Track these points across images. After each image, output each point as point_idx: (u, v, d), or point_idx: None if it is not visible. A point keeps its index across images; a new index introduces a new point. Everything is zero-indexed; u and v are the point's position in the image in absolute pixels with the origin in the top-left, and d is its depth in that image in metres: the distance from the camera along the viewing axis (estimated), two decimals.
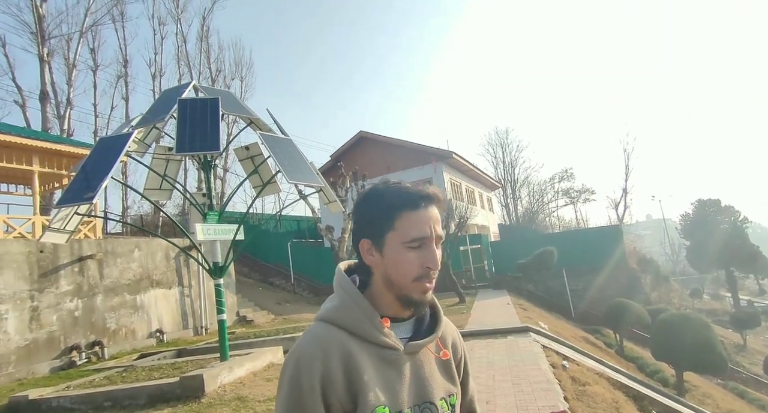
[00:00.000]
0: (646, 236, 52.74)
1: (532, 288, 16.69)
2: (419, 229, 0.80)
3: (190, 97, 6.64)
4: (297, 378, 0.76)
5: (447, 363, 0.89)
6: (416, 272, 0.80)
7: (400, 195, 0.82)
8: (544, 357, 5.97)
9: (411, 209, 0.81)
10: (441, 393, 0.84)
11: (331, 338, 0.79)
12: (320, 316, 0.84)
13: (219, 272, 6.46)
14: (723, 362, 8.40)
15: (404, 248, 0.80)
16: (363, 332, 0.80)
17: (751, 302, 30.45)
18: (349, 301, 0.82)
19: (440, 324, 0.89)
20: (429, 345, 0.85)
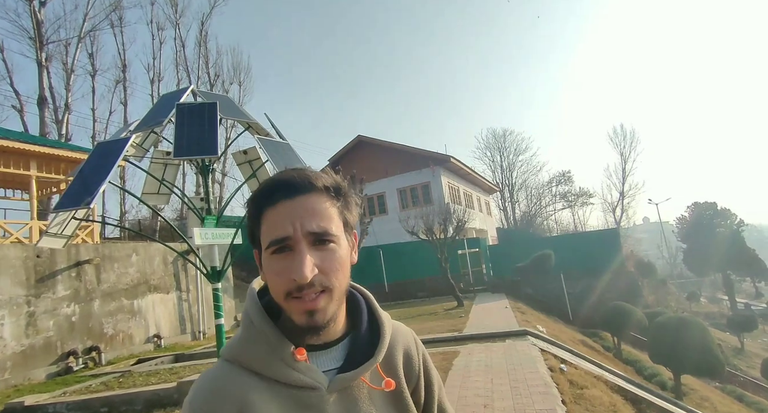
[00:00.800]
0: (644, 240, 52.87)
1: (531, 292, 16.70)
2: (278, 226, 0.60)
3: (188, 102, 6.67)
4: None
5: (398, 395, 0.68)
6: (282, 286, 0.60)
7: (261, 188, 0.65)
8: (542, 361, 5.98)
9: (270, 205, 0.62)
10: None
11: (227, 384, 0.60)
12: (224, 353, 0.65)
13: (217, 276, 6.46)
14: (720, 365, 8.42)
15: (269, 256, 0.61)
16: (272, 371, 0.60)
17: (748, 306, 30.55)
18: (252, 331, 0.63)
19: (382, 343, 0.67)
20: (365, 375, 0.64)
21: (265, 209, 0.62)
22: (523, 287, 16.71)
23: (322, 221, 0.61)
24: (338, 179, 0.66)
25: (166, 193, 7.80)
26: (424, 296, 15.76)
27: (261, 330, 0.62)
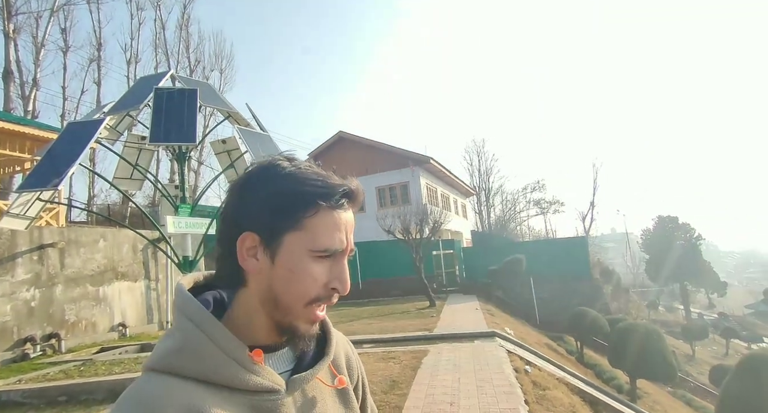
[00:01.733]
0: (610, 249, 54.89)
1: (501, 295, 17.08)
2: (335, 236, 0.58)
3: (168, 87, 6.51)
4: None
5: (345, 392, 0.69)
6: (315, 292, 0.58)
7: (318, 183, 0.58)
8: (509, 362, 6.15)
9: (331, 208, 0.58)
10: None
11: (169, 401, 0.50)
12: (152, 364, 0.55)
13: (189, 266, 6.35)
14: (673, 370, 8.88)
15: (309, 258, 0.57)
16: (224, 377, 0.54)
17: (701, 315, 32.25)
18: (196, 335, 0.55)
19: (331, 343, 0.67)
20: (320, 374, 0.64)
21: (322, 207, 0.57)
22: (493, 290, 17.07)
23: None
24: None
25: (139, 178, 7.60)
26: (398, 295, 15.88)
27: (208, 332, 0.55)
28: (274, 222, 0.57)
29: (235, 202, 0.59)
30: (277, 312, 0.58)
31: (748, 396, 4.65)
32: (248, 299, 0.59)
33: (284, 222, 0.57)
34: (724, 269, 75.65)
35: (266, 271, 0.58)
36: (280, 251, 0.57)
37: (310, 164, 0.61)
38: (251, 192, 0.58)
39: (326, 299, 0.59)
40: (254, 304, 0.59)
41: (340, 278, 0.58)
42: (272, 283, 0.58)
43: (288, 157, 0.61)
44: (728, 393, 5.15)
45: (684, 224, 29.57)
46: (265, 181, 0.58)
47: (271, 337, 0.60)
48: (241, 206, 0.59)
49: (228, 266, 0.60)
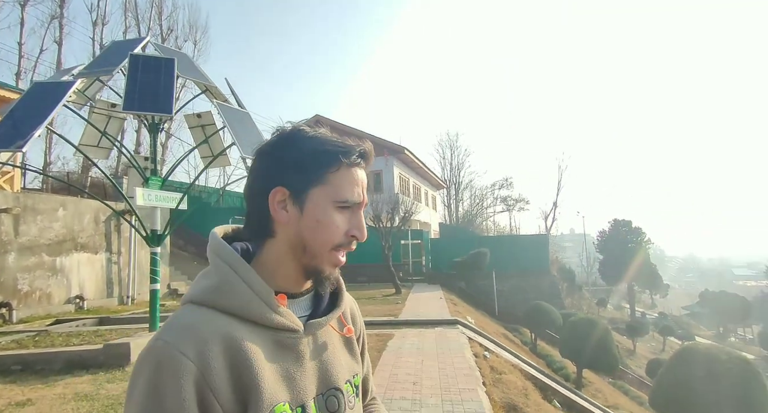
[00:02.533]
0: (568, 248, 57.47)
1: (464, 286, 17.65)
2: (354, 190, 0.67)
3: (144, 54, 6.25)
4: (159, 387, 0.55)
5: (350, 340, 0.78)
6: (339, 239, 0.66)
7: (339, 143, 0.66)
8: (469, 348, 6.47)
9: (349, 165, 0.66)
10: (346, 376, 0.72)
11: (209, 327, 0.59)
12: (192, 298, 0.63)
13: (157, 240, 6.22)
14: (615, 362, 9.59)
15: (332, 208, 0.65)
16: (254, 314, 0.62)
17: (644, 314, 34.55)
18: (232, 276, 0.63)
19: (342, 297, 0.75)
20: (332, 321, 0.72)
21: (342, 165, 0.66)
22: (457, 281, 17.61)
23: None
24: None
25: (106, 147, 7.29)
26: (364, 281, 16.09)
27: (242, 275, 0.62)
28: (301, 178, 0.65)
29: (265, 162, 0.67)
30: (305, 257, 0.66)
31: (678, 385, 5.17)
32: (277, 248, 0.67)
33: (310, 177, 0.65)
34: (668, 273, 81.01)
35: (295, 221, 0.65)
36: (307, 203, 0.65)
37: (327, 131, 0.69)
38: (280, 152, 0.66)
39: (347, 246, 0.67)
40: (283, 251, 0.67)
41: (358, 227, 0.67)
42: (301, 232, 0.65)
43: (308, 124, 0.69)
44: (661, 383, 5.67)
45: (636, 229, 31.37)
46: (292, 143, 0.66)
47: (295, 284, 0.69)
48: (272, 165, 0.66)
49: (257, 220, 0.67)
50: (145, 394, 0.55)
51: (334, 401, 0.68)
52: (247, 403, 0.58)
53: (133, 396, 0.56)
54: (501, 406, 4.38)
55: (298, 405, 0.63)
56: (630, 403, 11.01)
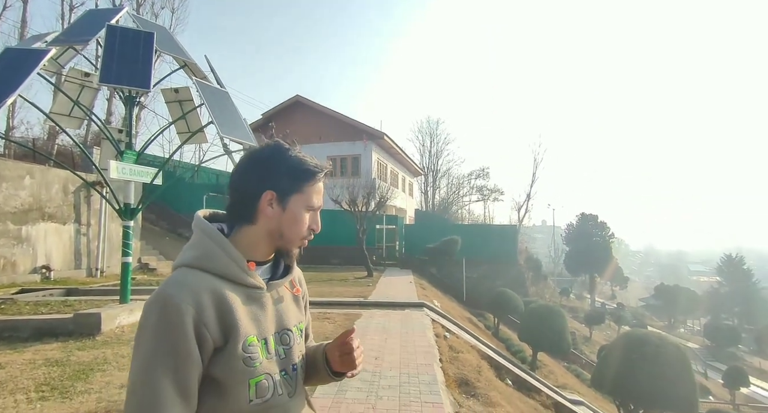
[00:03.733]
0: (538, 239, 59.35)
1: (435, 272, 18.18)
2: (319, 199, 0.94)
3: (122, 26, 6.14)
4: (167, 323, 0.75)
5: (297, 298, 1.02)
6: (305, 231, 0.93)
7: (313, 166, 0.92)
8: (431, 329, 6.86)
9: (317, 181, 0.93)
10: (294, 322, 0.97)
11: (200, 282, 0.80)
12: (184, 262, 0.85)
13: (130, 214, 6.24)
14: (568, 347, 10.30)
15: (304, 211, 0.91)
16: (232, 275, 0.85)
17: (603, 304, 36.45)
18: (216, 248, 0.85)
19: (293, 267, 0.99)
20: (285, 283, 0.97)
21: (313, 180, 0.92)
22: (428, 267, 18.11)
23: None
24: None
25: (79, 117, 7.17)
26: (338, 263, 16.35)
27: (223, 246, 0.85)
28: (287, 186, 0.90)
29: (259, 168, 0.91)
30: (281, 241, 0.92)
31: (615, 366, 5.72)
32: (255, 232, 0.90)
33: (293, 187, 0.90)
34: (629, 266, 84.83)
35: (278, 217, 0.90)
36: (289, 205, 0.90)
37: (298, 151, 0.94)
38: (272, 164, 0.91)
39: (308, 236, 0.95)
40: (261, 235, 0.91)
41: (317, 223, 0.96)
42: (281, 224, 0.91)
43: (289, 143, 0.94)
44: (601, 365, 6.24)
45: (601, 223, 32.82)
46: (281, 159, 0.91)
47: (262, 256, 0.92)
48: (265, 172, 0.90)
49: (242, 209, 0.90)
50: (155, 330, 0.75)
51: (286, 337, 0.94)
52: (229, 336, 0.81)
53: (144, 333, 0.77)
54: (454, 380, 4.77)
55: (262, 338, 0.87)
56: (579, 384, 11.85)
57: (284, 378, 0.90)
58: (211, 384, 0.81)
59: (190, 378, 0.77)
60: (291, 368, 0.93)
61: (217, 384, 0.81)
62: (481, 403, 4.51)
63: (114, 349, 4.67)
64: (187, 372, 0.76)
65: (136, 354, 0.77)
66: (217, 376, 0.80)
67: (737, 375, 19.77)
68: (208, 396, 0.81)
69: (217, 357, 0.80)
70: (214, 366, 0.80)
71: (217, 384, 0.81)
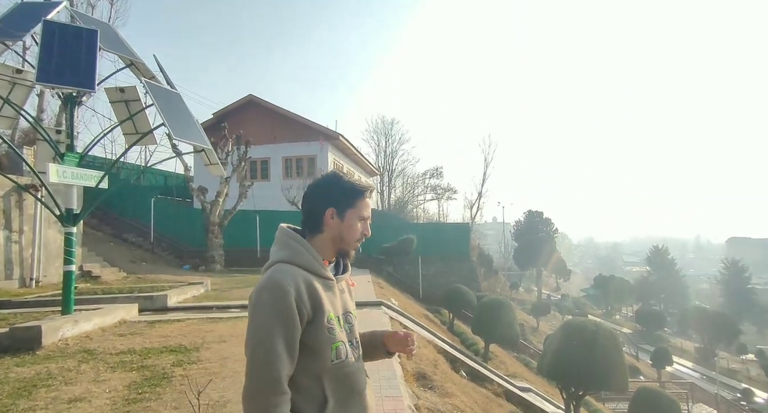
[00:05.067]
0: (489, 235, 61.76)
1: (392, 270, 18.48)
2: (367, 211, 1.22)
3: (61, 22, 5.79)
4: (278, 300, 1.04)
5: (352, 290, 1.32)
6: (358, 236, 1.21)
7: (361, 186, 1.22)
8: (390, 326, 7.09)
9: (365, 198, 1.22)
10: (352, 307, 1.26)
11: (295, 272, 1.10)
12: (280, 259, 1.15)
13: (73, 220, 5.92)
14: (516, 337, 10.95)
15: (357, 221, 1.20)
16: (314, 269, 1.14)
17: (549, 296, 38.77)
18: (304, 249, 1.15)
19: (349, 267, 1.30)
20: (346, 278, 1.27)
21: (362, 198, 1.21)
22: (385, 266, 18.37)
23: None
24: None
25: (9, 116, 6.67)
26: None
27: (307, 248, 1.16)
28: (344, 204, 1.20)
29: (322, 192, 1.21)
30: (342, 244, 1.22)
31: (557, 352, 6.25)
32: (323, 238, 1.21)
33: (348, 204, 1.20)
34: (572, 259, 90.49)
35: (337, 227, 1.20)
36: (345, 218, 1.20)
37: (350, 176, 1.26)
38: (332, 188, 1.22)
39: (361, 239, 1.23)
40: (327, 240, 1.21)
41: (367, 230, 1.24)
42: (341, 232, 1.20)
43: (342, 172, 1.29)
44: (545, 352, 6.77)
45: (546, 219, 34.87)
46: (337, 183, 1.22)
47: (328, 256, 1.22)
48: (326, 194, 1.21)
49: (312, 222, 1.21)
50: (270, 305, 1.04)
51: (350, 317, 1.24)
52: (316, 312, 1.09)
53: (260, 308, 1.05)
54: (412, 374, 5.01)
55: (336, 315, 1.16)
56: (528, 372, 12.61)
57: (351, 347, 1.18)
58: (305, 349, 1.08)
59: (294, 339, 1.05)
60: (355, 341, 1.22)
61: (309, 348, 1.09)
62: (438, 394, 4.78)
63: (59, 363, 4.44)
64: (292, 335, 1.05)
65: (252, 324, 1.06)
66: (308, 342, 1.08)
67: (663, 355, 21.88)
68: (302, 357, 1.08)
69: (308, 328, 1.08)
70: (306, 335, 1.08)
71: (308, 349, 1.09)
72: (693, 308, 36.96)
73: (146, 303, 7.33)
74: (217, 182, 15.14)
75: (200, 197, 14.72)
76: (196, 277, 11.12)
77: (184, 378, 3.86)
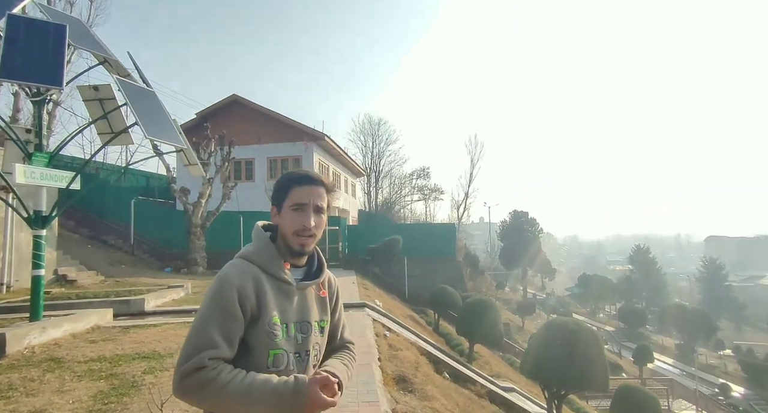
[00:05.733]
0: (476, 236, 62.11)
1: (378, 271, 18.41)
2: (301, 198, 1.14)
3: (26, 16, 5.57)
4: (222, 288, 1.06)
5: (323, 299, 1.24)
6: (294, 227, 1.13)
7: (295, 175, 1.18)
8: (372, 328, 7.01)
9: (298, 185, 1.16)
10: (315, 317, 1.19)
11: (248, 269, 1.11)
12: (241, 255, 1.16)
13: (41, 223, 5.71)
14: (500, 337, 10.98)
15: (290, 211, 1.14)
16: (270, 269, 1.13)
17: (535, 295, 39.18)
18: (262, 247, 1.15)
19: (323, 273, 1.24)
20: (312, 286, 1.21)
21: (294, 186, 1.16)
22: (371, 267, 18.29)
23: (321, 201, 1.17)
24: (332, 181, 1.24)
25: None
26: None
27: (267, 248, 1.15)
28: (280, 197, 1.18)
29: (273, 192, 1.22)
30: (285, 240, 1.17)
31: (540, 352, 6.26)
32: (279, 238, 1.18)
33: (282, 196, 1.18)
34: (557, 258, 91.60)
35: (280, 221, 1.17)
36: (282, 211, 1.17)
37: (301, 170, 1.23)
38: (274, 187, 1.22)
39: (301, 232, 1.15)
40: (281, 239, 1.18)
41: (306, 220, 1.15)
42: (281, 226, 1.17)
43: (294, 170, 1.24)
44: (528, 352, 6.78)
45: (531, 219, 35.25)
46: (278, 181, 1.21)
47: (294, 259, 1.19)
48: (272, 193, 1.21)
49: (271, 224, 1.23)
50: (212, 295, 1.06)
51: (306, 327, 1.17)
52: (260, 312, 1.08)
53: (205, 297, 1.08)
54: (392, 378, 4.94)
55: (284, 322, 1.12)
56: (512, 372, 12.66)
57: (297, 358, 1.13)
58: (243, 347, 1.07)
59: (230, 331, 1.04)
60: (304, 353, 1.15)
61: (247, 347, 1.08)
62: (418, 398, 4.72)
63: (22, 372, 4.25)
64: (229, 328, 1.04)
65: (198, 312, 1.07)
66: (249, 340, 1.08)
67: (644, 352, 22.27)
68: (240, 353, 1.07)
69: (250, 325, 1.07)
70: (247, 332, 1.07)
71: (246, 347, 1.08)
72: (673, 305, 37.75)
73: (122, 308, 7.13)
74: (200, 184, 14.88)
75: (182, 198, 14.44)
76: (177, 280, 10.88)
77: (154, 386, 3.74)
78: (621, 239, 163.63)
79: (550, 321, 7.12)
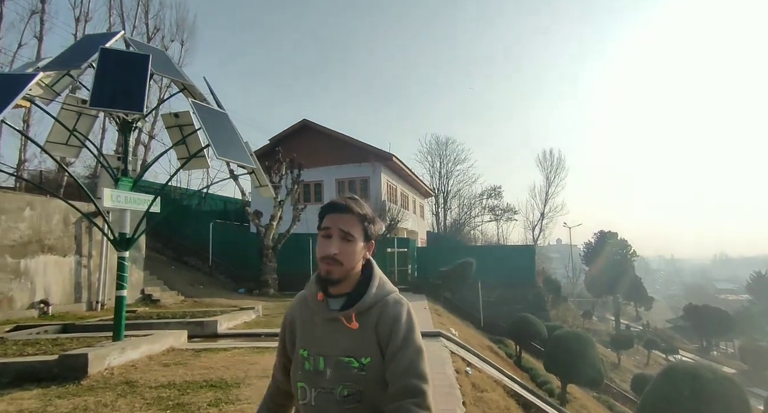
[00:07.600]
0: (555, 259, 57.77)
1: (449, 296, 17.43)
2: (326, 224, 1.11)
3: (116, 48, 5.96)
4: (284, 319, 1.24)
5: (358, 333, 1.08)
6: (319, 254, 1.10)
7: (326, 203, 1.16)
8: (451, 363, 6.23)
9: (326, 212, 1.14)
10: (343, 352, 1.07)
11: (301, 298, 1.20)
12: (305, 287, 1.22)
13: (125, 244, 5.89)
14: (600, 377, 9.43)
15: (320, 238, 1.12)
16: (310, 298, 1.16)
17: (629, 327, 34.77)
18: (314, 276, 1.18)
19: (359, 305, 1.09)
20: (343, 316, 1.09)
21: (324, 214, 1.14)
22: (443, 291, 17.36)
23: (348, 227, 1.09)
24: (368, 210, 1.16)
25: (76, 145, 6.95)
26: None
27: (317, 277, 1.15)
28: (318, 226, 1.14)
29: None
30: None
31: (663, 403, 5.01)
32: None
33: (318, 224, 1.14)
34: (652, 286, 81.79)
35: None
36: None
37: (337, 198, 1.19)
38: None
39: (323, 258, 1.09)
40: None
41: (326, 246, 1.09)
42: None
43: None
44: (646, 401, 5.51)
45: (621, 240, 31.68)
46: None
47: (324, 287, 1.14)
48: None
49: None
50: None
51: (338, 363, 1.06)
52: (294, 343, 1.17)
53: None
54: None
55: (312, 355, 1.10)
56: None
57: (320, 395, 1.06)
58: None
59: (283, 359, 1.23)
60: (328, 389, 1.06)
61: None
62: None
63: (98, 396, 4.19)
64: (281, 355, 1.24)
65: None
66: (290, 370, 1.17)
67: None
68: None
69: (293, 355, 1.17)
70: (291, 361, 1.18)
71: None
72: None
73: (196, 329, 7.16)
74: (272, 206, 15.32)
75: (255, 220, 14.94)
76: (249, 301, 11.01)
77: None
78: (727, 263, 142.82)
79: (671, 366, 5.77)
